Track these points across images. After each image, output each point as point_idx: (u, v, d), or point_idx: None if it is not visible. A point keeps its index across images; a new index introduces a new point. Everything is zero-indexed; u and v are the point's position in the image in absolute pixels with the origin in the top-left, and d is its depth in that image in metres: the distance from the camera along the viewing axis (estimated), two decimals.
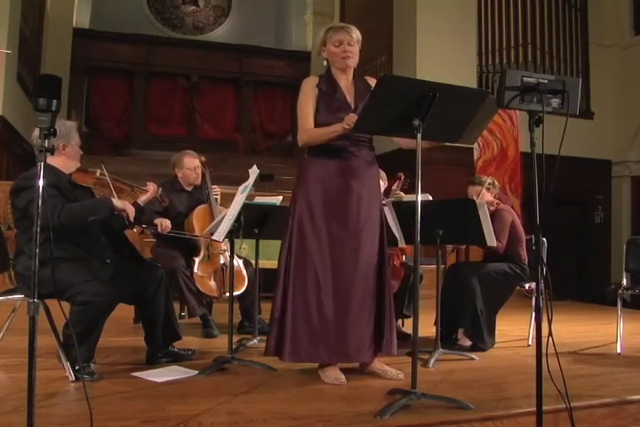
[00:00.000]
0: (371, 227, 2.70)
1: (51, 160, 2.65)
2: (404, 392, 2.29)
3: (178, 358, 2.94)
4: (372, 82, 2.69)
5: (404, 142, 2.79)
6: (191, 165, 3.99)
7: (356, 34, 2.74)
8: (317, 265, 2.61)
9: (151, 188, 3.11)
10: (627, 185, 9.10)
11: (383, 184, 3.84)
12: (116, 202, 2.71)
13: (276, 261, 2.73)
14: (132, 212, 2.75)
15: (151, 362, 2.88)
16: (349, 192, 2.66)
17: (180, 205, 3.94)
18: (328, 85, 2.74)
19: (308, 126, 2.70)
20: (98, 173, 2.83)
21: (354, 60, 2.74)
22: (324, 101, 2.71)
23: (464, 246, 4.11)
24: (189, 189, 4.06)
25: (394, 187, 3.83)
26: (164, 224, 3.72)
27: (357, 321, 2.62)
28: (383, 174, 3.86)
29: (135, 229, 3.49)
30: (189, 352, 3.03)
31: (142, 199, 3.06)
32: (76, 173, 2.83)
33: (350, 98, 2.73)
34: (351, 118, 2.44)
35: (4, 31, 6.88)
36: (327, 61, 2.78)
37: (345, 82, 2.77)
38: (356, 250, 2.64)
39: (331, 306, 2.60)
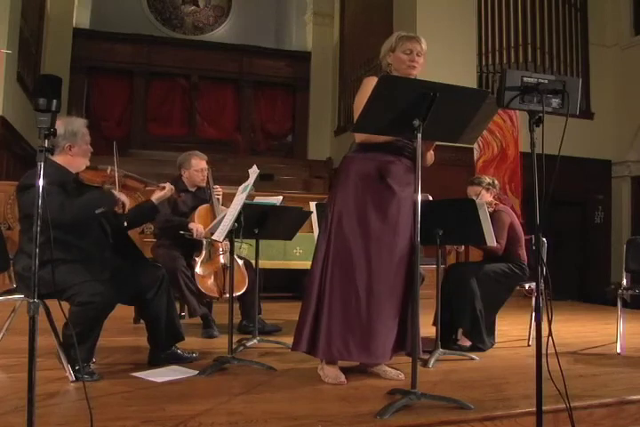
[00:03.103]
0: (407, 227, 2.70)
1: (56, 159, 2.65)
2: (403, 392, 2.29)
3: (181, 360, 2.93)
4: None
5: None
6: (198, 167, 3.99)
7: (425, 45, 2.78)
8: (355, 263, 2.61)
9: (167, 186, 3.01)
10: (627, 185, 9.10)
11: None
12: (117, 193, 2.70)
13: (276, 262, 2.72)
14: (127, 204, 2.73)
15: (154, 363, 2.87)
16: (391, 192, 2.67)
17: (183, 205, 3.94)
18: None
19: None
20: (109, 171, 2.80)
21: (418, 71, 2.76)
22: None
23: (462, 249, 4.10)
24: (193, 189, 4.07)
25: None
26: (200, 230, 3.72)
27: (387, 320, 2.63)
28: None
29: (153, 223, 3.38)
30: (193, 355, 3.01)
31: (155, 197, 2.98)
32: (86, 171, 2.80)
33: None
34: None
35: (4, 31, 6.89)
36: (388, 66, 2.79)
37: None
38: (391, 251, 2.64)
39: (364, 305, 2.60)
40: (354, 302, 2.60)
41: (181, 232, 3.74)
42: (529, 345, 3.68)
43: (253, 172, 2.94)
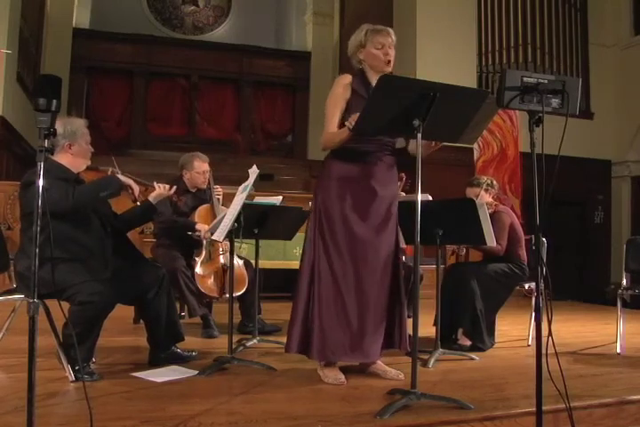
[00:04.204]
0: (390, 227, 2.72)
1: (57, 158, 2.65)
2: (403, 392, 2.29)
3: (180, 360, 2.93)
4: None
5: (414, 148, 2.79)
6: (200, 169, 3.99)
7: (394, 36, 2.73)
8: (341, 265, 2.62)
9: (163, 186, 3.00)
10: (627, 185, 9.11)
11: None
12: (122, 177, 2.71)
13: (276, 262, 2.72)
14: (136, 188, 2.75)
15: (154, 363, 2.87)
16: (373, 194, 2.67)
17: (184, 205, 3.94)
18: (362, 87, 2.69)
19: (330, 130, 2.67)
20: (109, 172, 2.81)
21: (392, 64, 2.72)
22: (355, 102, 2.66)
23: (464, 252, 4.10)
24: (193, 190, 4.07)
25: None
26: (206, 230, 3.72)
27: (376, 319, 2.65)
28: None
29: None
30: (193, 354, 3.02)
31: (152, 196, 2.96)
32: (87, 171, 2.81)
33: None
34: (354, 118, 2.43)
35: (4, 31, 6.88)
36: (360, 63, 2.74)
37: None
38: (377, 250, 2.65)
39: (353, 305, 2.61)
40: (343, 303, 2.61)
41: (189, 233, 3.74)
42: (529, 345, 3.67)
43: (253, 172, 2.93)
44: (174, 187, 3.05)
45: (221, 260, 3.88)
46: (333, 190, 2.68)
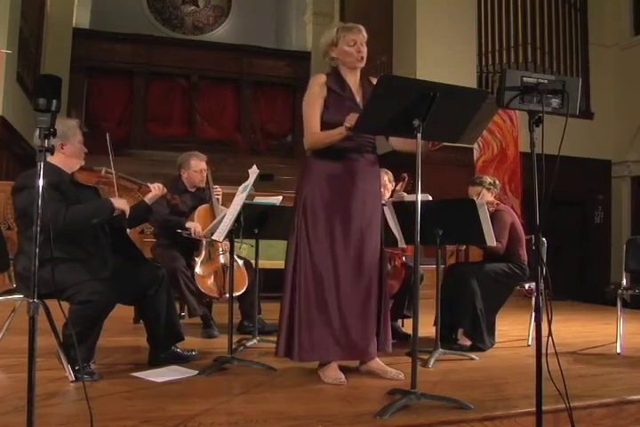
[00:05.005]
0: (374, 226, 2.72)
1: (51, 159, 2.64)
2: (403, 392, 2.29)
3: (181, 359, 2.93)
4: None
5: (398, 144, 2.80)
6: (198, 168, 3.99)
7: (365, 33, 2.75)
8: (322, 265, 2.62)
9: (158, 187, 3.02)
10: (627, 185, 9.11)
11: (391, 185, 3.85)
12: (116, 202, 2.69)
13: (276, 262, 2.72)
14: (127, 212, 2.74)
15: (154, 363, 2.87)
16: (355, 192, 2.67)
17: (183, 205, 3.94)
18: (338, 84, 2.72)
19: (313, 130, 2.69)
20: (103, 172, 2.80)
21: (365, 60, 2.74)
22: (333, 100, 2.69)
23: (463, 248, 4.10)
24: (193, 189, 4.07)
25: (397, 188, 3.84)
26: (197, 229, 3.72)
27: (362, 318, 2.64)
28: (390, 175, 3.86)
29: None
30: (193, 353, 3.02)
31: (148, 197, 2.99)
32: (80, 171, 2.80)
33: (359, 98, 2.73)
34: (353, 118, 2.44)
35: (4, 31, 6.88)
36: (334, 61, 2.76)
37: (353, 82, 2.76)
38: (360, 249, 2.65)
39: (335, 305, 2.61)
40: (324, 304, 2.60)
41: (179, 231, 3.74)
42: (529, 345, 3.67)
43: (253, 172, 2.94)
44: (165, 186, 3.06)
45: (221, 260, 3.88)
46: (316, 189, 2.67)
